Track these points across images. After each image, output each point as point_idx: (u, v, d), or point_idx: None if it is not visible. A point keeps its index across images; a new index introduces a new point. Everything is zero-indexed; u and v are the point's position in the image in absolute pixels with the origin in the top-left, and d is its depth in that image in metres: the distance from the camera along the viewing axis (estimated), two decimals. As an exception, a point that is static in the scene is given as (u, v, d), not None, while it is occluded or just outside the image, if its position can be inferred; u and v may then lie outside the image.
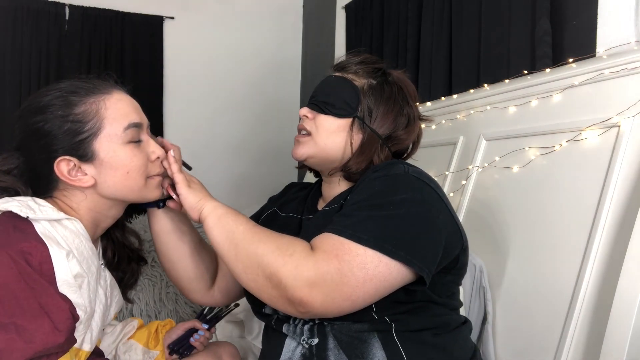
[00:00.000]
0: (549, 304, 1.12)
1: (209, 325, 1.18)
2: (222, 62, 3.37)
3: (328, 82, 1.00)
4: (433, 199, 0.85)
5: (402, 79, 1.02)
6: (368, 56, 1.02)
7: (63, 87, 0.87)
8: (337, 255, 0.76)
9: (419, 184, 0.86)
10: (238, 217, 0.87)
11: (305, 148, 0.98)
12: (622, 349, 0.90)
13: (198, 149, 3.22)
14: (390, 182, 0.86)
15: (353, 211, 0.83)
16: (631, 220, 0.99)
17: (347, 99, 0.96)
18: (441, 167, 1.67)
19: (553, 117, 1.29)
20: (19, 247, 0.71)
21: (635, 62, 1.11)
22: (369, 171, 0.93)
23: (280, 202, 1.13)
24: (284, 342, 0.90)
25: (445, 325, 0.89)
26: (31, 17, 2.84)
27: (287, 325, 0.90)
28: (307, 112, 0.99)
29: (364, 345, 0.83)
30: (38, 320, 0.69)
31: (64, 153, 0.83)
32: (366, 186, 0.87)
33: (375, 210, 0.81)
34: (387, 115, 0.96)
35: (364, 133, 0.96)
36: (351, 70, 0.99)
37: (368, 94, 0.96)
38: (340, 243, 0.77)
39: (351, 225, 0.79)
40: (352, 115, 0.96)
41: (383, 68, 1.01)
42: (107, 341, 1.11)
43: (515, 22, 1.65)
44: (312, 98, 1.01)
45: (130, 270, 1.04)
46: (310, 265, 0.75)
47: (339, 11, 3.02)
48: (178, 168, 0.94)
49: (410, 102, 1.00)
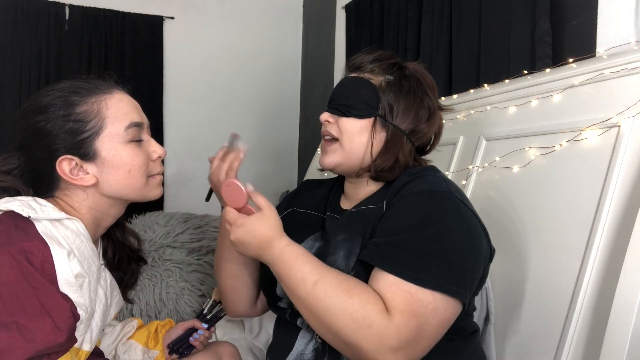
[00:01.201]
0: (549, 304, 1.12)
1: (208, 325, 1.18)
2: (222, 62, 3.37)
3: (345, 84, 0.98)
4: (475, 225, 0.87)
5: (419, 71, 1.00)
6: (382, 52, 1.00)
7: (64, 87, 0.87)
8: (413, 314, 0.76)
9: (463, 209, 0.86)
10: (308, 258, 0.83)
11: (334, 156, 0.96)
12: (622, 349, 0.90)
13: (198, 149, 3.22)
14: (437, 205, 0.85)
15: (406, 243, 0.81)
16: (631, 220, 0.99)
17: (366, 99, 0.94)
18: (441, 167, 1.66)
19: (553, 117, 1.29)
20: (20, 247, 0.72)
21: (635, 62, 1.11)
22: (404, 176, 0.93)
23: (297, 200, 1.12)
24: (297, 336, 0.90)
25: (460, 330, 0.89)
26: (31, 17, 2.84)
27: (301, 319, 0.90)
28: (328, 117, 0.98)
29: None
30: (39, 319, 0.70)
31: (65, 152, 0.84)
32: (410, 204, 0.87)
33: (429, 244, 0.81)
34: (409, 109, 0.95)
35: (387, 130, 0.94)
36: (367, 69, 0.98)
37: (387, 90, 0.95)
38: (409, 294, 0.77)
39: (407, 263, 0.79)
40: (373, 114, 0.94)
41: (399, 62, 0.99)
42: (107, 341, 1.11)
43: (515, 22, 1.65)
44: (331, 102, 0.99)
45: (130, 270, 1.05)
46: (393, 334, 0.75)
47: (339, 11, 3.02)
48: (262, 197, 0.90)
49: (430, 93, 0.99)
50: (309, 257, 0.83)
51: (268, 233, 0.84)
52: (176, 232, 2.09)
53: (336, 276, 0.80)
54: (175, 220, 2.17)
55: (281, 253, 0.83)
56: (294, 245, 0.84)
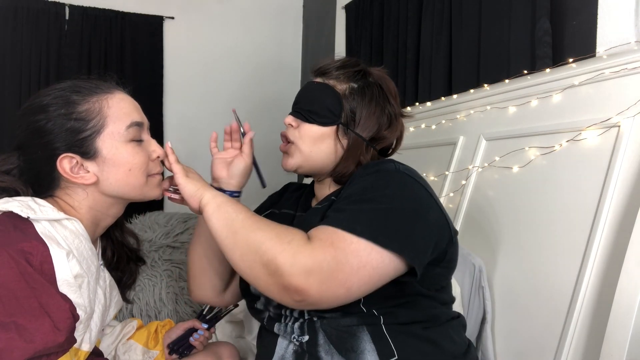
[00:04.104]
0: (549, 304, 1.12)
1: (208, 325, 1.18)
2: (222, 62, 3.37)
3: (310, 89, 1.02)
4: (423, 195, 0.88)
5: (381, 77, 1.03)
6: (348, 59, 1.03)
7: (65, 86, 0.88)
8: (332, 244, 0.78)
9: (409, 181, 0.88)
10: (237, 206, 0.89)
11: (292, 159, 1.01)
12: (622, 349, 0.90)
13: (198, 149, 3.21)
14: (382, 177, 0.88)
15: (346, 205, 0.85)
16: (631, 220, 0.99)
17: (330, 107, 0.97)
18: (441, 167, 1.67)
19: (553, 117, 1.29)
20: (19, 247, 0.72)
21: (635, 62, 1.11)
22: (360, 169, 0.95)
23: (278, 200, 1.16)
24: (277, 342, 0.91)
25: (434, 318, 0.90)
26: (31, 17, 2.84)
27: (278, 325, 0.92)
28: (292, 121, 1.01)
29: (353, 338, 0.84)
30: (38, 319, 0.70)
31: (66, 150, 0.84)
32: (358, 182, 0.90)
33: (367, 204, 0.83)
34: (370, 117, 0.98)
35: (348, 138, 0.98)
36: (332, 76, 1.00)
37: (350, 98, 0.98)
38: (335, 233, 0.79)
39: (345, 218, 0.81)
40: (336, 122, 0.97)
41: (364, 69, 1.02)
42: (107, 342, 1.11)
43: (515, 22, 1.65)
44: (296, 105, 1.02)
45: (129, 270, 1.05)
46: (308, 253, 0.77)
47: (339, 11, 3.02)
48: (175, 159, 0.96)
49: (391, 100, 1.01)
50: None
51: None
52: (176, 232, 2.09)
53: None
54: (175, 220, 2.17)
55: (220, 193, 0.92)
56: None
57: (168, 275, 1.87)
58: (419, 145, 1.84)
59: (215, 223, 0.87)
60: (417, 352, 0.85)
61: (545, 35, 1.52)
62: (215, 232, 0.87)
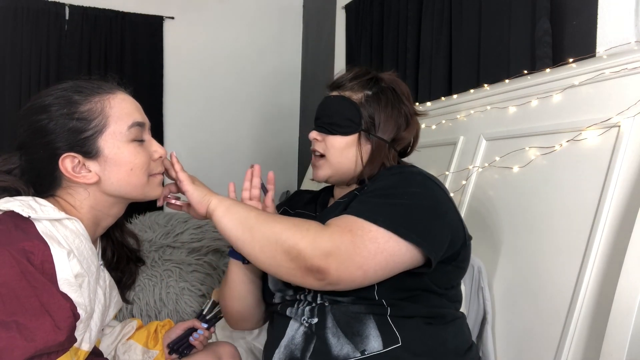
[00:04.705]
0: (549, 304, 1.12)
1: (208, 325, 1.18)
2: (222, 62, 3.37)
3: (328, 104, 1.07)
4: (442, 197, 0.94)
5: (393, 80, 1.08)
6: (359, 70, 1.08)
7: (67, 86, 0.88)
8: (350, 230, 0.84)
9: (430, 183, 0.94)
10: (246, 206, 0.95)
11: (323, 170, 1.06)
12: (622, 349, 0.90)
13: (197, 149, 3.22)
14: (405, 177, 0.94)
15: (369, 198, 0.91)
16: (631, 220, 0.99)
17: (349, 116, 1.03)
18: (441, 167, 1.67)
19: (553, 117, 1.29)
20: (20, 246, 0.72)
21: (635, 62, 1.11)
22: (384, 170, 1.01)
23: (290, 203, 1.19)
24: (288, 324, 0.95)
25: (440, 316, 0.93)
26: (31, 17, 2.84)
27: (291, 309, 0.96)
28: (317, 135, 1.07)
29: (359, 324, 0.89)
30: (39, 318, 0.70)
31: (68, 150, 0.84)
32: (382, 179, 0.96)
33: (390, 199, 0.89)
34: (389, 120, 1.04)
35: (371, 142, 1.03)
36: (347, 88, 1.06)
37: (367, 105, 1.03)
38: (355, 221, 0.85)
39: (367, 209, 0.87)
40: (357, 130, 1.03)
41: (375, 76, 1.07)
42: (107, 342, 1.11)
43: (515, 22, 1.65)
44: (317, 120, 1.08)
45: (129, 271, 1.06)
46: (327, 237, 0.83)
47: (339, 11, 3.02)
48: (181, 167, 1.00)
49: (405, 101, 1.07)
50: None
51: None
52: (176, 232, 2.09)
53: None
54: (175, 220, 2.17)
55: (226, 197, 0.97)
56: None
57: (168, 275, 1.87)
58: (419, 145, 1.81)
59: (228, 223, 0.91)
60: (420, 342, 0.88)
61: (545, 35, 1.52)
62: (230, 232, 0.90)
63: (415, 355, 0.86)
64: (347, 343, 0.87)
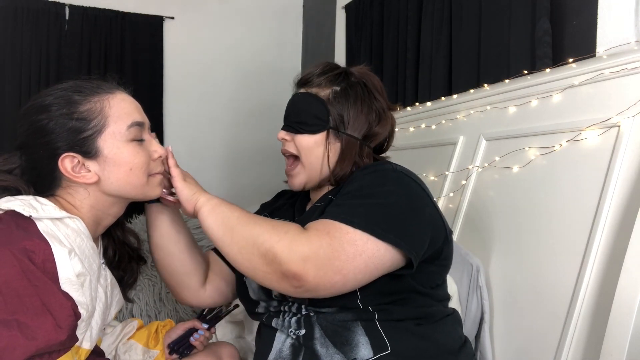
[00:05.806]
0: (549, 304, 1.12)
1: (208, 325, 1.18)
2: (222, 62, 3.37)
3: (295, 101, 1.04)
4: (419, 192, 0.91)
5: (364, 75, 1.05)
6: (327, 64, 1.05)
7: (66, 86, 0.89)
8: (328, 233, 0.81)
9: (406, 180, 0.92)
10: (232, 206, 0.92)
11: (299, 178, 1.03)
12: (622, 349, 0.90)
13: (197, 149, 3.22)
14: (379, 176, 0.91)
15: (344, 200, 0.88)
16: (631, 220, 0.99)
17: (316, 114, 0.99)
18: (441, 167, 1.67)
19: (553, 117, 1.29)
20: (22, 245, 0.72)
21: (635, 62, 1.11)
22: (358, 170, 0.98)
23: (271, 208, 1.17)
24: (275, 337, 0.93)
25: (429, 316, 0.91)
26: (31, 17, 2.83)
27: (277, 320, 0.94)
28: (285, 135, 1.04)
29: (347, 332, 0.86)
30: (40, 317, 0.70)
31: (67, 150, 0.85)
32: (356, 180, 0.93)
33: (365, 199, 0.86)
34: (359, 116, 1.00)
35: (341, 140, 1.00)
36: (314, 84, 1.03)
37: (334, 102, 1.00)
38: (332, 224, 0.82)
39: (343, 211, 0.84)
40: (325, 127, 0.99)
41: (345, 71, 1.04)
42: (107, 341, 1.12)
43: (515, 22, 1.65)
44: (286, 119, 1.04)
45: (130, 269, 1.06)
46: (304, 240, 0.80)
47: (339, 11, 3.02)
48: (174, 162, 0.98)
49: (377, 96, 1.03)
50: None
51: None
52: (176, 232, 2.09)
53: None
54: (175, 220, 2.17)
55: (214, 196, 0.94)
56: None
57: (168, 275, 1.87)
58: (419, 145, 1.84)
59: (212, 223, 0.89)
60: (410, 347, 0.87)
61: (545, 35, 1.52)
62: (212, 232, 0.89)
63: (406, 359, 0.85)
64: (337, 352, 0.85)
